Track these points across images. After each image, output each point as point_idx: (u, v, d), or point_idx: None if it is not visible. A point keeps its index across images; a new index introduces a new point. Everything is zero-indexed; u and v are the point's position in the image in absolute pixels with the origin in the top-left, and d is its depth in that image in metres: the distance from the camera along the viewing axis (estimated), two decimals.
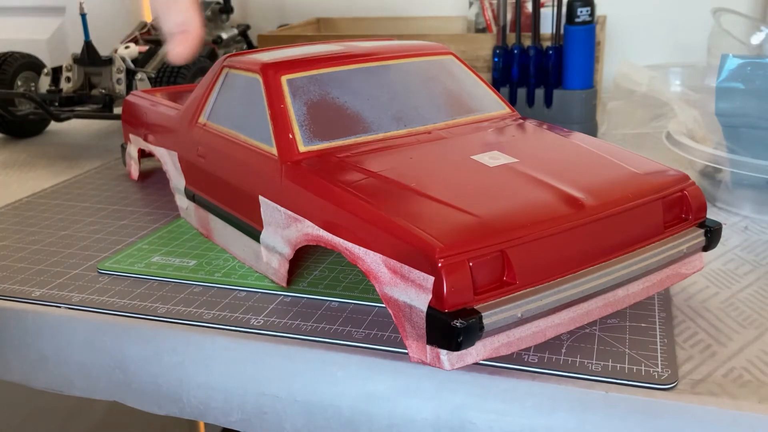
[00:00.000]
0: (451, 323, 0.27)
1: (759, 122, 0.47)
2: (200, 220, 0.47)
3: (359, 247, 0.32)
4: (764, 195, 0.48)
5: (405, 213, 0.31)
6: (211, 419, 0.36)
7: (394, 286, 0.30)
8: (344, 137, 0.39)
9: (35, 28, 1.05)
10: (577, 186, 0.34)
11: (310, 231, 0.35)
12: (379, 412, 0.33)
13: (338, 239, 0.33)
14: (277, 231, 0.38)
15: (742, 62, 0.47)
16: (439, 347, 0.29)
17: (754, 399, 0.29)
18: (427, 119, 0.42)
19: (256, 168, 0.39)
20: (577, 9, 0.61)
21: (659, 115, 0.69)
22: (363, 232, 0.32)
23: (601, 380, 0.31)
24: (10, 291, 0.41)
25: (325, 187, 0.34)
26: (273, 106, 0.39)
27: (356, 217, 0.32)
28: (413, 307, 0.29)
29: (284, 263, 0.38)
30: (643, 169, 0.36)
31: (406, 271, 0.30)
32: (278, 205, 0.37)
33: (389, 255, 0.30)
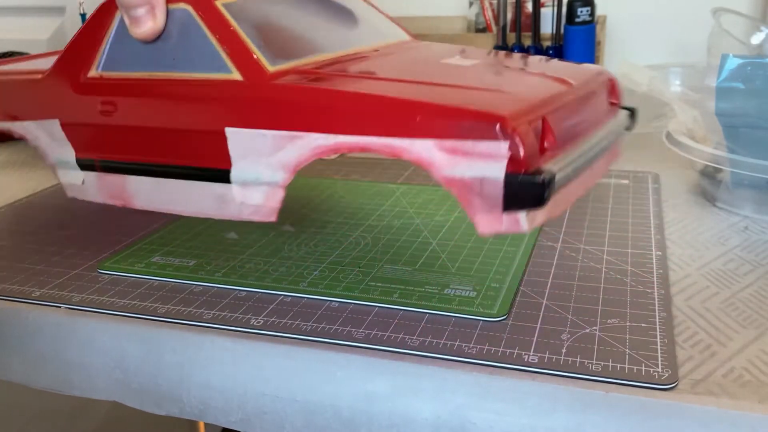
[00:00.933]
0: (536, 180, 0.29)
1: (759, 122, 0.47)
2: (110, 188, 0.42)
3: (401, 139, 0.31)
4: (764, 195, 0.48)
5: (443, 98, 0.31)
6: (211, 419, 0.36)
7: (455, 165, 0.30)
8: (306, 56, 0.38)
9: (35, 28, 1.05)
10: (553, 73, 0.37)
11: (322, 142, 0.33)
12: (379, 412, 0.33)
13: (369, 138, 0.32)
14: (260, 160, 0.35)
15: (742, 62, 0.47)
16: (518, 210, 0.30)
17: (754, 399, 0.29)
18: (365, 41, 0.42)
19: (215, 100, 0.36)
20: (577, 9, 0.61)
21: (659, 115, 0.69)
22: (402, 123, 0.31)
23: (601, 380, 0.31)
24: (10, 291, 0.41)
25: (335, 93, 0.33)
26: (221, 32, 0.36)
27: (391, 110, 0.31)
28: (485, 179, 0.29)
29: (275, 192, 0.36)
30: (580, 66, 0.40)
31: (469, 147, 0.29)
32: (261, 130, 0.35)
33: (443, 137, 0.30)
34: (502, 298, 0.38)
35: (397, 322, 0.36)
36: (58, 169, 0.44)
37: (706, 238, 0.45)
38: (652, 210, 0.49)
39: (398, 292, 0.39)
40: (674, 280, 0.40)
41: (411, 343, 0.34)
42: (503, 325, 0.35)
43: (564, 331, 0.34)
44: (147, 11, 0.38)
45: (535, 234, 0.46)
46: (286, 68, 0.36)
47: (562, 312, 0.36)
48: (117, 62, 0.40)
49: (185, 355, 0.36)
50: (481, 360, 0.32)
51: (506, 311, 0.36)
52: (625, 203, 0.51)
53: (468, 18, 0.89)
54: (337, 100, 0.33)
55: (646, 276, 0.40)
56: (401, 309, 0.37)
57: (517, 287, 0.39)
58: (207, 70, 0.37)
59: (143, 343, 0.37)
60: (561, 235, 0.46)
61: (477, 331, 0.35)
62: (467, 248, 0.44)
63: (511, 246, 0.44)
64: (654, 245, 0.44)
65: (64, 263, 0.44)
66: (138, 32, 0.38)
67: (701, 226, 0.47)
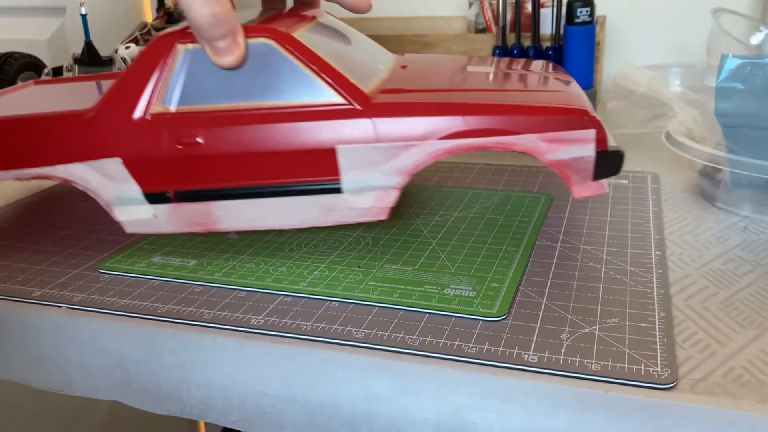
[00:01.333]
0: (619, 152, 0.39)
1: (759, 122, 0.47)
2: (190, 217, 0.42)
3: (510, 137, 0.38)
4: (764, 195, 0.48)
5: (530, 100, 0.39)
6: (211, 419, 0.36)
7: (555, 151, 0.38)
8: (370, 78, 0.42)
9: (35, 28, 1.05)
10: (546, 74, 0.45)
11: (438, 147, 0.39)
12: (379, 412, 0.33)
13: (483, 139, 0.38)
14: (373, 168, 0.39)
15: (742, 62, 0.47)
16: (604, 177, 0.40)
17: (754, 399, 0.29)
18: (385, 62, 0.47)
19: (322, 122, 0.39)
20: (576, 9, 0.61)
21: (659, 115, 0.69)
22: (510, 123, 0.38)
23: (600, 380, 0.31)
24: (11, 291, 0.41)
25: (443, 105, 0.39)
26: (312, 62, 0.39)
27: (500, 115, 0.38)
28: (581, 158, 0.39)
29: (388, 194, 0.40)
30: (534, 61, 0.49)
31: (565, 136, 0.38)
32: (374, 143, 0.39)
33: (544, 130, 0.38)
34: (502, 297, 0.38)
35: (397, 321, 0.36)
36: (116, 207, 0.42)
37: (706, 238, 0.45)
38: (652, 210, 0.49)
39: (398, 292, 0.39)
40: (674, 279, 0.40)
41: (411, 343, 0.34)
42: (503, 325, 0.35)
43: (563, 330, 0.34)
44: (231, 40, 0.39)
45: (534, 234, 0.46)
46: (373, 89, 0.41)
47: (561, 312, 0.36)
48: (193, 96, 0.40)
49: (185, 355, 0.36)
50: (481, 359, 0.32)
51: (506, 311, 0.36)
52: (625, 203, 0.51)
53: (468, 18, 0.89)
54: (447, 111, 0.38)
55: (645, 276, 0.40)
56: (401, 309, 0.37)
57: (517, 287, 0.39)
58: (304, 96, 0.39)
59: (144, 343, 0.37)
60: (561, 235, 0.46)
61: (477, 330, 0.35)
62: (467, 248, 0.44)
63: (510, 246, 0.44)
64: (653, 245, 0.44)
65: (64, 263, 0.44)
66: (225, 61, 0.39)
67: (701, 226, 0.48)
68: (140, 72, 0.41)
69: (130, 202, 0.42)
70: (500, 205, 0.51)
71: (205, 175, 0.41)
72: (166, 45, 0.40)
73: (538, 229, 0.47)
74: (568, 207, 0.51)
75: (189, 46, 0.40)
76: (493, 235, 0.46)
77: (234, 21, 0.38)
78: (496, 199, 0.52)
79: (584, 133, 0.38)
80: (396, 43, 0.72)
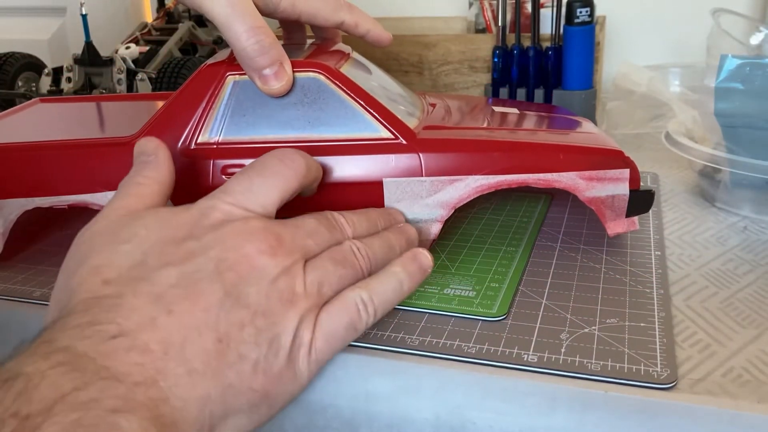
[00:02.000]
0: (650, 192, 0.42)
1: (758, 122, 0.47)
2: None
3: (551, 174, 0.40)
4: (763, 195, 0.48)
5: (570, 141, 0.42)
6: None
7: (593, 188, 0.41)
8: (413, 114, 0.43)
9: (36, 29, 1.05)
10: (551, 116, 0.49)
11: (483, 182, 0.40)
12: (379, 412, 0.33)
13: (526, 176, 0.40)
14: (417, 201, 0.41)
15: (742, 62, 0.47)
16: (635, 214, 0.42)
17: (754, 399, 0.29)
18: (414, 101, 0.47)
19: (370, 156, 0.40)
20: (576, 9, 0.61)
21: (658, 115, 0.69)
22: (551, 162, 0.40)
23: (600, 380, 0.31)
24: (11, 291, 0.41)
25: (488, 143, 0.40)
26: (360, 97, 0.40)
27: (543, 153, 0.40)
28: (616, 196, 0.41)
29: (432, 227, 0.41)
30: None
31: (602, 174, 0.40)
32: (420, 177, 0.40)
33: (583, 169, 0.40)
34: (502, 297, 0.38)
35: (397, 321, 0.36)
36: None
37: (705, 238, 0.46)
38: (651, 210, 0.49)
39: None
40: (673, 279, 0.40)
41: (411, 343, 0.34)
42: (503, 325, 0.35)
43: (563, 330, 0.34)
44: (279, 68, 0.39)
45: (534, 234, 0.46)
46: (416, 125, 0.42)
47: (561, 312, 0.36)
48: (239, 127, 0.41)
49: None
50: (481, 359, 0.32)
51: (506, 311, 0.36)
52: None
53: (468, 18, 0.89)
54: (492, 148, 0.40)
55: (645, 276, 0.40)
56: (401, 308, 0.37)
57: (517, 287, 0.39)
58: (351, 130, 0.40)
59: None
60: (560, 235, 0.46)
61: (476, 330, 0.35)
62: (467, 248, 0.44)
63: (510, 246, 0.44)
64: (653, 245, 0.44)
65: None
66: (274, 89, 0.39)
67: (700, 226, 0.48)
68: (187, 101, 0.41)
69: None
70: (500, 205, 0.51)
71: None
72: (215, 75, 0.40)
73: (538, 229, 0.47)
74: (568, 207, 0.51)
75: (237, 77, 0.40)
76: (492, 235, 0.46)
77: (279, 48, 0.39)
78: (496, 199, 0.52)
79: (620, 172, 0.40)
80: (396, 43, 0.72)
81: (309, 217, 0.35)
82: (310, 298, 0.31)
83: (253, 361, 0.29)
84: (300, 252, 0.32)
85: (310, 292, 0.32)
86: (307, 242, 0.33)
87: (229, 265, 0.30)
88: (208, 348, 0.28)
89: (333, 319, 0.32)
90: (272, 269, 0.31)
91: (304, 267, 0.32)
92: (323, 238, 0.34)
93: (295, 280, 0.31)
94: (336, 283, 0.33)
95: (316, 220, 0.35)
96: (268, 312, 0.30)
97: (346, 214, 0.37)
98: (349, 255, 0.34)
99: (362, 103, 0.40)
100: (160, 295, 0.29)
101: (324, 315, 0.32)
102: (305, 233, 0.33)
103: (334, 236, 0.35)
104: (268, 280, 0.31)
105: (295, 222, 0.34)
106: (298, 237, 0.33)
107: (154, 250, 0.31)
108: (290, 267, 0.31)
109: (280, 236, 0.32)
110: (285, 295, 0.31)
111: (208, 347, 0.28)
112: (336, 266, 0.33)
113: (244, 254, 0.31)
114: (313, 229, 0.34)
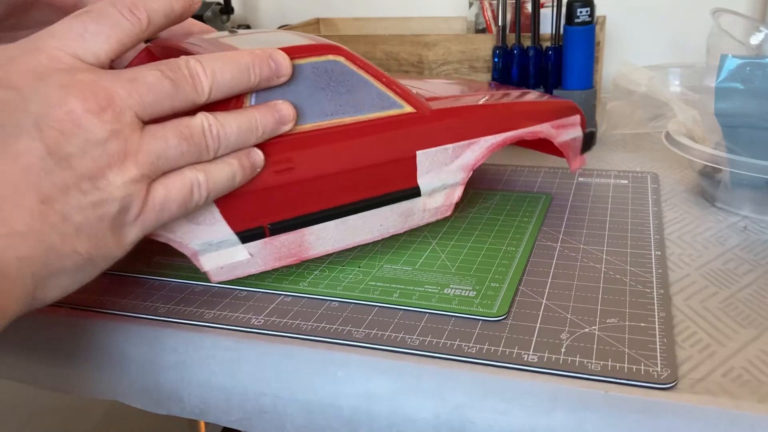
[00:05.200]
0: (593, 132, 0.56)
1: (758, 122, 0.47)
2: (283, 249, 0.39)
3: (535, 126, 0.47)
4: (764, 195, 0.48)
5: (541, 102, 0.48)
6: (211, 418, 0.36)
7: (562, 134, 0.49)
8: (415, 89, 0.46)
9: None
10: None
11: (492, 141, 0.45)
12: (379, 411, 0.33)
13: (521, 130, 0.46)
14: (443, 168, 0.43)
15: (742, 62, 0.47)
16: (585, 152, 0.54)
17: (754, 398, 0.29)
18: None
19: (403, 132, 0.41)
20: (576, 9, 0.61)
21: (658, 115, 0.69)
22: (534, 117, 0.47)
23: (600, 380, 0.31)
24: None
25: (487, 108, 0.45)
26: (380, 76, 0.41)
27: (529, 111, 0.47)
28: (575, 138, 0.50)
29: (455, 190, 0.44)
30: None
31: (566, 122, 0.49)
32: (444, 145, 0.43)
33: (554, 119, 0.48)
34: (502, 297, 0.38)
35: (397, 321, 0.36)
36: (203, 255, 0.37)
37: (706, 238, 0.46)
38: (652, 210, 0.49)
39: (398, 291, 0.39)
40: (673, 279, 0.40)
41: (411, 343, 0.34)
42: (503, 325, 0.35)
43: (563, 330, 0.34)
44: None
45: (534, 234, 0.46)
46: (427, 97, 0.45)
47: (561, 311, 0.36)
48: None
49: (186, 355, 0.36)
50: (481, 359, 0.32)
51: (506, 311, 0.36)
52: (625, 203, 0.51)
53: (468, 18, 0.89)
54: (497, 111, 0.45)
55: (645, 276, 0.40)
56: (401, 308, 0.37)
57: (517, 287, 0.39)
58: (379, 109, 0.41)
59: (144, 343, 0.37)
60: (560, 235, 0.46)
61: (476, 330, 0.35)
62: (467, 248, 0.44)
63: (510, 246, 0.44)
64: (653, 245, 0.44)
65: None
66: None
67: (700, 226, 0.48)
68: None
69: (221, 246, 0.37)
70: (500, 205, 0.51)
71: (298, 200, 0.39)
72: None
73: (538, 229, 0.47)
74: (568, 207, 0.51)
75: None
76: (492, 235, 0.46)
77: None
78: (496, 199, 0.52)
79: (575, 118, 0.49)
80: (396, 43, 0.72)
81: (151, 68, 0.31)
82: (142, 168, 0.30)
83: (77, 224, 0.28)
84: (132, 112, 0.30)
85: (143, 162, 0.30)
86: (144, 100, 0.30)
87: (50, 123, 0.28)
88: (31, 208, 0.27)
89: (170, 194, 0.31)
90: (99, 130, 0.29)
91: (142, 131, 0.30)
92: (165, 94, 0.31)
93: (127, 145, 0.29)
94: (174, 160, 0.31)
95: (159, 72, 0.31)
96: (95, 176, 0.29)
97: (208, 60, 0.33)
98: (197, 133, 0.32)
99: (384, 80, 0.40)
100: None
101: (160, 188, 0.31)
102: (144, 89, 0.30)
103: (181, 94, 0.31)
104: (96, 141, 0.28)
105: (132, 74, 0.30)
106: (134, 94, 0.30)
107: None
108: (121, 130, 0.29)
109: (110, 92, 0.29)
110: (114, 160, 0.29)
111: (31, 207, 0.27)
112: (180, 142, 0.31)
113: (68, 111, 0.28)
114: (154, 83, 0.30)
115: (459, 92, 0.49)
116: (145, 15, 0.32)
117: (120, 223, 0.30)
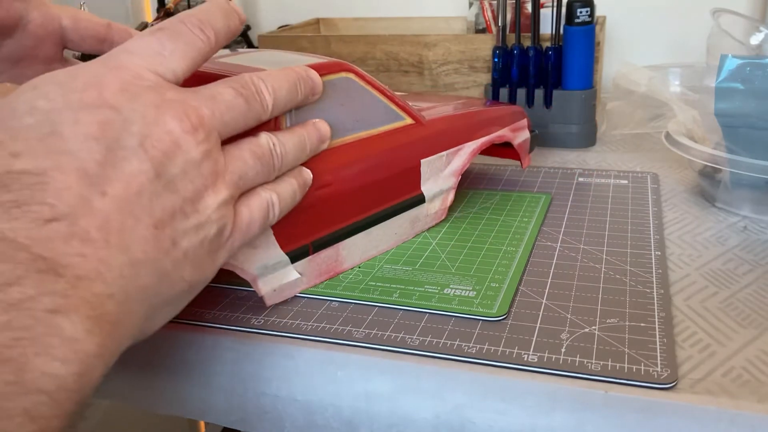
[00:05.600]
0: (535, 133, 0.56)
1: (758, 122, 0.47)
2: (322, 265, 0.40)
3: (500, 131, 0.51)
4: (763, 195, 0.48)
5: (500, 109, 0.52)
6: (211, 419, 0.36)
7: (517, 137, 0.53)
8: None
9: None
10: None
11: (474, 147, 0.49)
12: (379, 411, 0.33)
13: (491, 136, 0.50)
14: (439, 175, 0.46)
15: (742, 62, 0.47)
16: (531, 151, 0.55)
17: (754, 398, 0.29)
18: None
19: (409, 143, 0.44)
20: (576, 10, 0.61)
21: (658, 115, 0.69)
22: (498, 123, 0.51)
23: (600, 379, 0.31)
24: None
25: (466, 117, 0.49)
26: (383, 90, 0.42)
27: (494, 117, 0.51)
28: (525, 139, 0.54)
29: (448, 195, 0.47)
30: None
31: (518, 125, 0.53)
32: (439, 153, 0.46)
33: (510, 123, 0.52)
34: (502, 297, 0.38)
35: (397, 321, 0.36)
36: (261, 279, 0.36)
37: (705, 238, 0.46)
38: (652, 210, 0.49)
39: (398, 291, 0.39)
40: (673, 279, 0.40)
41: (411, 343, 0.34)
42: (503, 325, 0.35)
43: (563, 330, 0.34)
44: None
45: (534, 234, 0.46)
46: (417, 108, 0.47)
47: (561, 311, 0.36)
48: None
49: (186, 355, 0.36)
50: (481, 359, 0.32)
51: (506, 311, 0.36)
52: (625, 203, 0.51)
53: (468, 18, 0.89)
54: (478, 120, 0.49)
55: (645, 276, 0.40)
56: (401, 309, 0.37)
57: (517, 287, 0.39)
58: (387, 122, 0.43)
59: (143, 343, 0.37)
60: (560, 235, 0.46)
61: (476, 330, 0.35)
62: (467, 248, 0.44)
63: (510, 246, 0.44)
64: (653, 245, 0.44)
65: None
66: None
67: (700, 226, 0.48)
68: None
69: (276, 267, 0.37)
70: (500, 205, 0.51)
71: (335, 216, 0.40)
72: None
73: (538, 229, 0.47)
74: (568, 207, 0.51)
75: None
76: (492, 235, 0.46)
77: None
78: (496, 199, 0.52)
79: (524, 122, 0.54)
80: (396, 43, 0.72)
81: (225, 85, 0.31)
82: (229, 188, 0.30)
83: (184, 249, 0.28)
84: (217, 131, 0.30)
85: (229, 182, 0.30)
86: (225, 119, 0.30)
87: (153, 143, 0.27)
88: (146, 235, 0.26)
89: (252, 214, 0.31)
90: (195, 151, 0.28)
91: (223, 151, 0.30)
92: (241, 112, 0.31)
93: (217, 165, 0.29)
94: (252, 179, 0.32)
95: (233, 90, 0.31)
96: (195, 199, 0.28)
97: (267, 78, 0.33)
98: (267, 152, 0.32)
99: (387, 94, 0.42)
100: (87, 172, 0.25)
101: (244, 209, 0.31)
102: (224, 108, 0.30)
103: (252, 111, 0.32)
104: (193, 162, 0.28)
105: (211, 93, 0.30)
106: (216, 112, 0.30)
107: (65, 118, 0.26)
108: (211, 150, 0.29)
109: (199, 112, 0.29)
110: (209, 181, 0.29)
111: (146, 234, 0.26)
112: (255, 162, 0.32)
113: (168, 131, 0.28)
114: (231, 101, 0.31)
115: (430, 103, 0.51)
116: (213, 33, 0.32)
117: (215, 246, 0.30)
